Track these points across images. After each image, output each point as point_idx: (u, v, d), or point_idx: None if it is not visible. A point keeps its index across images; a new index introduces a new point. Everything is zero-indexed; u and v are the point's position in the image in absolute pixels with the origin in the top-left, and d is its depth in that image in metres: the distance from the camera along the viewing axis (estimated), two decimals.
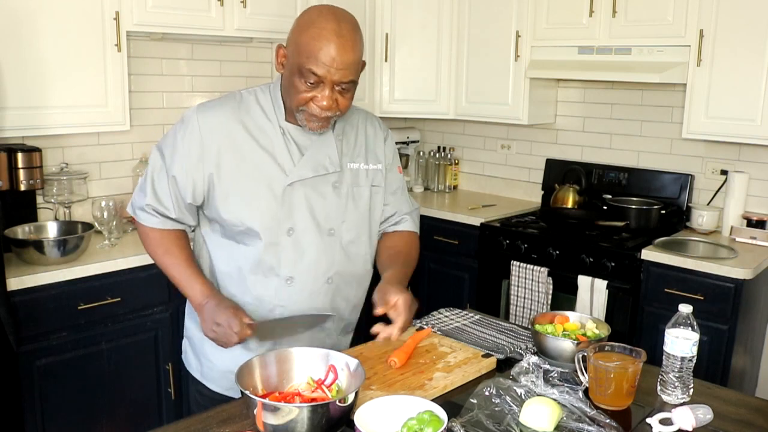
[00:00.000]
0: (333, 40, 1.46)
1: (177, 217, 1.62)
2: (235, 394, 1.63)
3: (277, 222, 1.57)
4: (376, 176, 1.71)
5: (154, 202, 1.60)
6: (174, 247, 1.64)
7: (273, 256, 1.59)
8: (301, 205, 1.59)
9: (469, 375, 1.54)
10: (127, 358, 2.55)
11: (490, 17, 3.50)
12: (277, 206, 1.57)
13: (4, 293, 2.12)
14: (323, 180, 1.61)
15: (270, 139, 1.58)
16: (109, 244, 2.61)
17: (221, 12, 2.89)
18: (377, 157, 1.72)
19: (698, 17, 2.84)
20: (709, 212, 3.12)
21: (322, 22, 1.48)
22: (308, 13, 1.53)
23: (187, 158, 1.56)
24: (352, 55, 1.48)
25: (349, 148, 1.67)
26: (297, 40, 1.50)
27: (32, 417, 2.33)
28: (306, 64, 1.46)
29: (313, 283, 1.63)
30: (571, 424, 1.31)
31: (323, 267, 1.63)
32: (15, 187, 2.48)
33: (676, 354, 1.43)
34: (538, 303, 3.08)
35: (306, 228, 1.60)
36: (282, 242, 1.59)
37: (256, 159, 1.56)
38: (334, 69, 1.47)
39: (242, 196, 1.56)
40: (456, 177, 4.16)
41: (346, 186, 1.65)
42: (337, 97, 1.51)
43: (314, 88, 1.49)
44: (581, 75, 3.29)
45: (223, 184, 1.56)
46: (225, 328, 1.49)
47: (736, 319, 2.64)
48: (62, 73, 2.50)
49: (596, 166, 3.53)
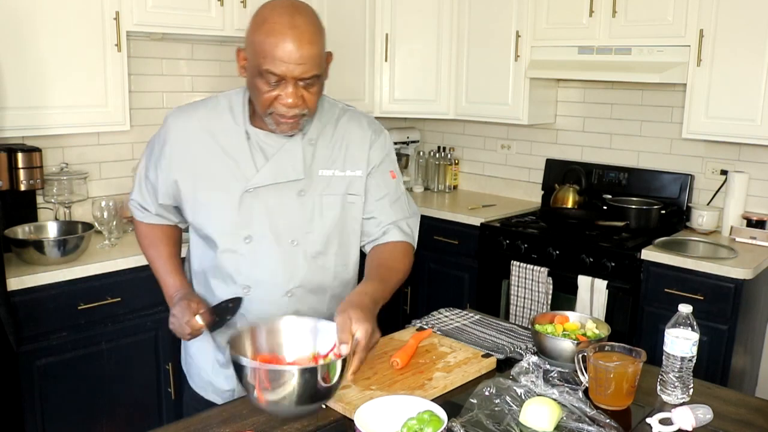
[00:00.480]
0: (288, 34, 1.38)
1: (157, 213, 1.65)
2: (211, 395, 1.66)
3: (235, 229, 1.53)
4: (353, 184, 1.59)
5: (139, 197, 1.66)
6: (158, 241, 1.67)
7: (231, 264, 1.56)
8: (260, 214, 1.53)
9: (469, 375, 1.53)
10: (127, 358, 2.55)
11: (490, 17, 3.50)
12: (234, 213, 1.53)
13: (4, 293, 2.12)
14: (287, 188, 1.53)
15: (235, 144, 1.53)
16: (109, 244, 2.61)
17: (221, 12, 2.89)
18: (358, 162, 1.60)
19: (698, 17, 2.84)
20: (709, 212, 3.12)
21: (275, 17, 1.40)
22: (261, 10, 1.45)
23: (158, 161, 1.59)
24: (310, 47, 1.40)
25: (324, 154, 1.57)
26: (252, 40, 1.43)
27: (32, 417, 2.33)
28: (263, 65, 1.39)
29: (271, 295, 1.57)
30: (571, 424, 1.31)
31: (282, 279, 1.56)
32: (15, 187, 2.48)
33: (676, 354, 1.43)
34: (538, 303, 3.08)
35: (264, 237, 1.54)
36: (240, 250, 1.54)
37: (218, 165, 1.53)
38: (293, 65, 1.39)
39: (202, 201, 1.55)
40: (456, 177, 4.16)
41: (313, 195, 1.55)
42: (302, 93, 1.43)
43: (277, 87, 1.42)
44: (581, 75, 3.29)
45: (188, 188, 1.56)
46: (179, 319, 1.51)
47: (736, 319, 2.64)
48: (62, 73, 2.50)
49: (596, 166, 3.53)
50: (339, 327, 1.33)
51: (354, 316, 1.33)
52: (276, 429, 1.32)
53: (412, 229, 1.70)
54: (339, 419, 1.35)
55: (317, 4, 3.28)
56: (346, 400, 1.38)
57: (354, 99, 3.60)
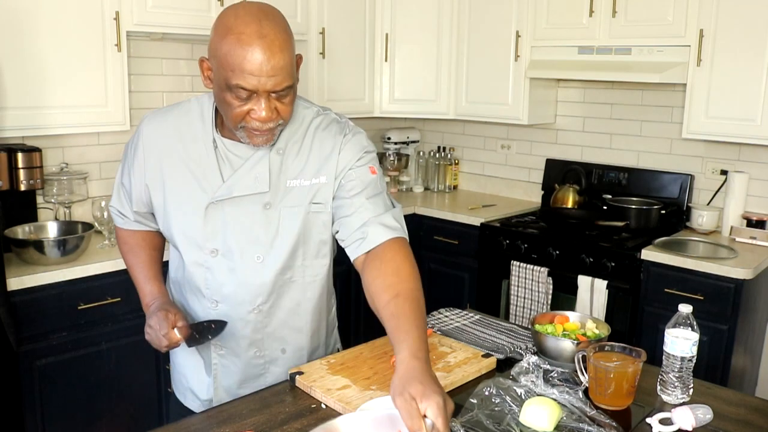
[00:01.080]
0: (256, 45, 1.27)
1: (136, 220, 1.61)
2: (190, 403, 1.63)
3: (201, 242, 1.48)
4: (319, 192, 1.48)
5: (117, 203, 1.63)
6: (137, 247, 1.64)
7: (199, 277, 1.51)
8: (225, 227, 1.46)
9: (469, 375, 1.53)
10: (127, 358, 2.55)
11: (490, 17, 3.50)
12: (200, 225, 1.46)
13: (4, 293, 2.12)
14: (252, 200, 1.45)
15: (202, 154, 1.46)
16: (109, 244, 2.61)
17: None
18: (326, 169, 1.48)
19: (698, 17, 2.84)
20: (709, 212, 3.11)
21: (240, 26, 1.28)
22: (224, 16, 1.33)
23: (131, 168, 1.54)
24: (282, 57, 1.29)
25: (292, 164, 1.47)
26: (217, 50, 1.31)
27: (32, 417, 2.33)
28: (232, 79, 1.29)
29: (238, 311, 1.51)
30: (571, 424, 1.31)
31: (248, 295, 1.49)
32: (15, 187, 2.48)
33: (676, 354, 1.43)
34: (538, 303, 3.08)
35: (229, 251, 1.47)
36: (206, 263, 1.49)
37: (185, 175, 1.46)
38: (265, 77, 1.28)
39: (170, 211, 1.49)
40: (456, 177, 4.16)
41: (279, 207, 1.46)
42: (276, 105, 1.34)
43: (248, 101, 1.32)
44: (581, 75, 3.29)
45: (158, 197, 1.51)
46: (156, 331, 1.45)
47: (736, 319, 2.64)
48: (62, 73, 2.50)
49: (596, 166, 3.53)
50: (404, 414, 1.09)
51: (417, 394, 1.10)
52: (276, 429, 1.32)
53: (398, 221, 1.48)
54: None
55: (317, 4, 3.28)
56: (345, 400, 1.38)
57: (354, 99, 3.60)
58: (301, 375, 1.49)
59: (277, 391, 1.48)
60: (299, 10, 3.21)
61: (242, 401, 1.44)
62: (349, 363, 1.56)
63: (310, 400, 1.43)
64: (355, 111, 3.56)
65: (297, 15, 3.21)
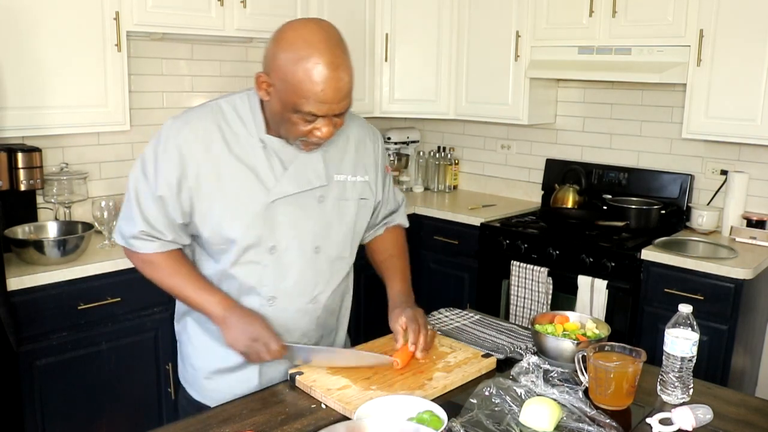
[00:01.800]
0: (332, 76, 1.34)
1: (173, 239, 1.52)
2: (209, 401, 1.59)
3: (259, 240, 1.49)
4: (364, 189, 1.62)
5: (147, 227, 1.49)
6: (178, 265, 1.53)
7: (254, 276, 1.52)
8: (284, 223, 1.50)
9: (469, 375, 1.54)
10: (127, 358, 2.55)
11: (490, 17, 3.50)
12: (258, 224, 1.48)
13: (4, 293, 2.12)
14: (308, 195, 1.52)
15: (250, 153, 1.48)
16: (109, 244, 2.61)
17: (221, 12, 2.89)
18: (366, 168, 1.63)
19: (698, 17, 2.84)
20: (709, 212, 3.11)
21: (316, 56, 1.33)
22: (293, 40, 1.36)
23: (170, 175, 1.45)
24: (349, 82, 1.39)
25: (335, 158, 1.57)
26: (286, 75, 1.36)
27: (32, 417, 2.33)
28: (304, 107, 1.36)
29: (297, 304, 1.56)
30: (571, 424, 1.31)
31: (308, 286, 1.56)
32: (15, 187, 2.48)
33: (676, 354, 1.44)
34: (538, 303, 3.08)
35: (289, 246, 1.52)
36: (263, 261, 1.51)
37: (236, 175, 1.46)
38: (335, 105, 1.37)
39: (221, 213, 1.47)
40: (456, 177, 4.16)
41: (331, 200, 1.56)
42: (335, 121, 1.43)
43: (313, 122, 1.40)
44: (581, 75, 3.29)
45: (203, 201, 1.47)
46: (261, 346, 1.46)
47: (736, 319, 2.64)
48: (62, 73, 2.50)
49: (596, 166, 3.53)
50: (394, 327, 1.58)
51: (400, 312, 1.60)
52: (276, 429, 1.32)
53: (405, 213, 1.83)
54: (339, 419, 1.35)
55: (317, 4, 3.28)
56: (345, 400, 1.38)
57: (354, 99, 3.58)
58: (301, 375, 1.50)
59: (277, 391, 1.48)
60: (299, 10, 3.21)
61: (242, 401, 1.44)
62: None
63: (310, 400, 1.43)
64: (355, 111, 3.51)
65: (297, 15, 3.21)
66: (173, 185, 1.46)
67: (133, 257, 1.56)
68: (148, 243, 1.51)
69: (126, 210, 1.52)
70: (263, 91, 1.43)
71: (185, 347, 1.68)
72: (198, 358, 1.64)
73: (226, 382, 1.60)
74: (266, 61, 1.42)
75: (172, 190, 1.46)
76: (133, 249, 1.53)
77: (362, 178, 1.62)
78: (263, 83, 1.42)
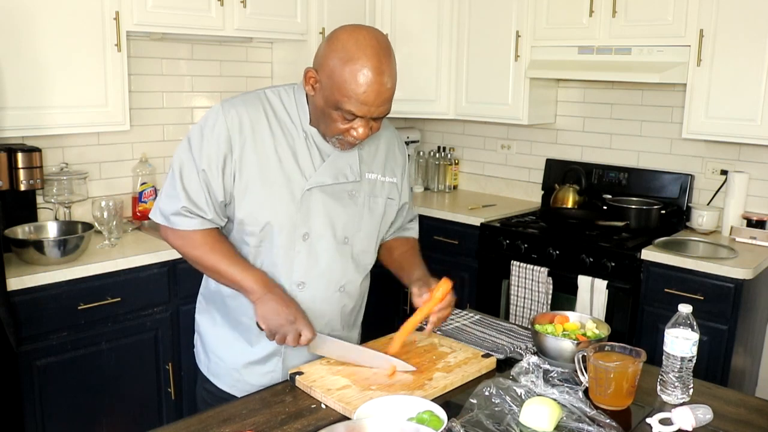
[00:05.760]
0: (376, 81, 1.41)
1: (212, 218, 1.55)
2: (238, 392, 1.63)
3: (294, 226, 1.55)
4: (392, 190, 1.70)
5: (189, 204, 1.52)
6: (217, 243, 1.56)
7: (286, 260, 1.57)
8: (318, 212, 1.57)
9: (469, 375, 1.54)
10: (127, 358, 2.55)
11: (490, 17, 3.50)
12: (294, 209, 1.54)
13: (4, 293, 2.12)
14: (341, 188, 1.59)
15: (293, 140, 1.56)
16: (109, 244, 2.61)
17: (221, 12, 2.89)
18: (394, 170, 1.71)
19: (698, 17, 2.84)
20: (709, 212, 3.11)
21: (363, 59, 1.41)
22: (346, 40, 1.44)
23: (217, 152, 1.50)
24: (391, 89, 1.46)
25: (368, 158, 1.65)
26: (333, 73, 1.43)
27: (32, 417, 2.33)
28: (346, 105, 1.43)
29: (325, 291, 1.62)
30: (571, 424, 1.31)
31: (336, 275, 1.62)
32: (15, 187, 2.48)
33: (676, 354, 1.44)
34: (538, 303, 3.08)
35: (322, 235, 1.58)
36: (296, 246, 1.56)
37: (279, 158, 1.54)
38: (374, 107, 1.44)
39: (261, 195, 1.53)
40: (456, 177, 4.16)
41: (362, 196, 1.63)
42: (372, 124, 1.50)
43: (351, 121, 1.47)
44: (581, 75, 3.29)
45: (244, 180, 1.52)
46: (293, 330, 1.49)
47: (736, 319, 2.64)
48: (62, 73, 2.50)
49: (596, 166, 3.53)
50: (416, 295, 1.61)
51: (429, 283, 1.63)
52: (276, 429, 1.32)
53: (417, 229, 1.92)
54: (339, 419, 1.35)
55: (317, 4, 3.28)
56: (345, 400, 1.38)
57: None
58: (301, 375, 1.50)
59: (277, 391, 1.48)
60: (299, 10, 3.21)
61: (242, 401, 1.44)
62: (349, 363, 1.56)
63: (310, 400, 1.43)
64: None
65: (297, 15, 3.21)
66: (219, 161, 1.51)
67: (171, 236, 1.58)
68: (189, 220, 1.53)
69: (168, 188, 1.55)
70: (310, 86, 1.50)
71: (210, 338, 1.70)
72: (226, 349, 1.66)
73: (253, 374, 1.64)
74: (317, 58, 1.49)
75: (218, 166, 1.51)
76: (173, 226, 1.55)
77: (391, 179, 1.70)
78: (311, 78, 1.49)
